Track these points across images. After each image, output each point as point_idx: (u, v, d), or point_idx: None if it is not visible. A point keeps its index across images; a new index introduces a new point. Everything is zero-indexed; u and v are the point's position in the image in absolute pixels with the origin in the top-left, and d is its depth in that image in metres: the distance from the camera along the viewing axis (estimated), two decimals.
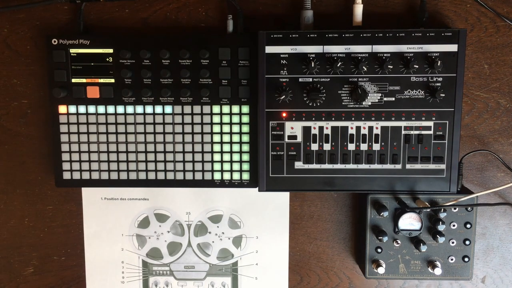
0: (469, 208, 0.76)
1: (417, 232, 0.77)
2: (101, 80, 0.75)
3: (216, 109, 0.76)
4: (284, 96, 0.71)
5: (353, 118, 0.73)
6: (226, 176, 0.78)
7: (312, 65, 0.70)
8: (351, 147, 0.73)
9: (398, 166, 0.74)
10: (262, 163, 0.74)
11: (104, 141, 0.77)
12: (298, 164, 0.74)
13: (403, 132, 0.73)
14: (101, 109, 0.76)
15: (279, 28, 0.73)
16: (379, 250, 0.78)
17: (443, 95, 0.71)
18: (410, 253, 0.78)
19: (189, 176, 0.77)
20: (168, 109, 0.76)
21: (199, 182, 0.78)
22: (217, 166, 0.77)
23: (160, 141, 0.77)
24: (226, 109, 0.76)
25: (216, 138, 0.77)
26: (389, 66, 0.71)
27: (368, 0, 0.75)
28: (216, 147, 0.77)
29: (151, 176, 0.78)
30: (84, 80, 0.75)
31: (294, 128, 0.73)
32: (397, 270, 0.78)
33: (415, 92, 0.72)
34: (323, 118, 0.73)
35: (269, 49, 0.71)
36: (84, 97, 0.76)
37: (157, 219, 0.84)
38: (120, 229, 0.84)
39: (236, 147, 0.77)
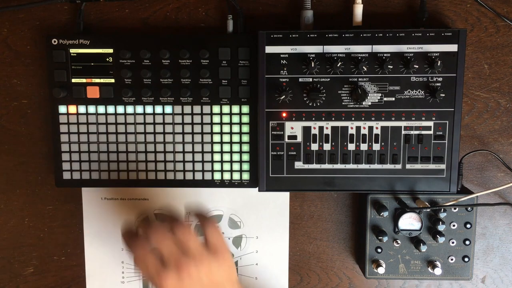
0: (469, 208, 0.76)
1: (417, 232, 0.77)
2: (101, 80, 0.75)
3: (216, 109, 0.76)
4: (284, 96, 0.71)
5: (353, 118, 0.73)
6: (226, 176, 0.77)
7: (312, 65, 0.70)
8: (351, 147, 0.73)
9: (398, 166, 0.74)
10: (262, 163, 0.74)
11: (104, 141, 0.77)
12: (298, 164, 0.74)
13: (403, 132, 0.73)
14: (101, 109, 0.76)
15: (279, 28, 0.73)
16: (379, 250, 0.78)
17: (443, 95, 0.71)
18: (410, 253, 0.78)
19: (189, 176, 0.77)
20: (168, 109, 0.76)
21: (199, 182, 0.78)
22: (217, 166, 0.77)
23: (160, 141, 0.77)
24: (226, 109, 0.76)
25: (216, 138, 0.77)
26: (389, 66, 0.71)
27: (368, 0, 0.75)
28: (216, 147, 0.77)
29: (151, 176, 0.77)
30: (84, 80, 0.75)
31: (294, 128, 0.73)
32: (397, 270, 0.78)
33: (415, 92, 0.72)
34: (323, 118, 0.73)
35: (269, 49, 0.71)
36: (84, 97, 0.76)
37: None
38: (120, 229, 0.84)
39: (236, 147, 0.77)
